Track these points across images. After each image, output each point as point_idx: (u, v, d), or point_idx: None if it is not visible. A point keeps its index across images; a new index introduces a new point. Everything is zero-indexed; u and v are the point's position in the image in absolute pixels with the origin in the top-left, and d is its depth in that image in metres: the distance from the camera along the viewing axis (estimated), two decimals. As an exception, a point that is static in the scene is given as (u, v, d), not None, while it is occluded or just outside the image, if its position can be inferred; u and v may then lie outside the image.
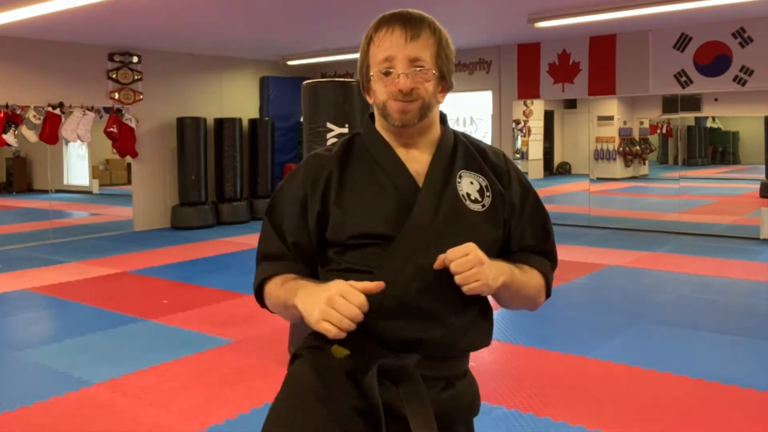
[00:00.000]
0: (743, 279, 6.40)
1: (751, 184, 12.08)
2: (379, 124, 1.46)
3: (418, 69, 1.36)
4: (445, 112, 1.53)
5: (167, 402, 3.66)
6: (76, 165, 11.86)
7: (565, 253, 7.77)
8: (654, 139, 12.68)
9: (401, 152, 1.43)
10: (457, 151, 1.46)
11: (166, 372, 4.12)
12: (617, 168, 11.85)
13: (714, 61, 8.53)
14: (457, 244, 1.30)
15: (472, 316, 1.42)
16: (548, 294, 1.53)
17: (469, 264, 1.28)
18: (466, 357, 1.47)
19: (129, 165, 10.49)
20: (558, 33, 9.09)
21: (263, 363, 4.24)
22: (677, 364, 4.08)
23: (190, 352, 4.48)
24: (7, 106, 8.65)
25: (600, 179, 11.31)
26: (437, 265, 1.31)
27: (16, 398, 3.72)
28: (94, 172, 12.03)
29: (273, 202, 1.48)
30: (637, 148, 12.18)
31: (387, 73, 1.36)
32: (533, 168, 12.41)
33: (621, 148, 11.81)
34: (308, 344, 1.43)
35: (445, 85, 1.46)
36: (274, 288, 1.42)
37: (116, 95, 9.81)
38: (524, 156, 12.05)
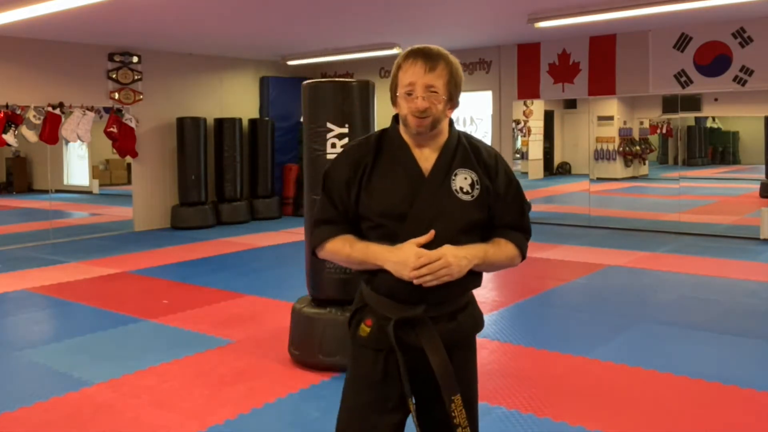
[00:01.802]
0: (743, 279, 6.40)
1: (751, 184, 12.08)
2: (402, 128, 1.91)
3: (432, 94, 1.82)
4: (451, 118, 1.97)
5: (167, 402, 3.66)
6: (76, 165, 11.86)
7: (565, 253, 7.78)
8: (654, 139, 12.68)
9: (416, 151, 1.89)
10: (457, 152, 1.90)
11: (166, 372, 4.12)
12: (617, 168, 11.86)
13: (714, 61, 8.53)
14: (449, 224, 1.82)
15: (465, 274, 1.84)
16: (524, 257, 1.98)
17: (436, 268, 1.77)
18: (463, 296, 1.92)
19: (129, 165, 10.49)
20: (558, 33, 9.09)
21: (263, 363, 4.24)
22: (677, 364, 4.08)
23: (190, 352, 4.48)
24: (7, 106, 8.65)
25: (600, 179, 11.31)
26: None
27: (16, 398, 3.72)
28: (94, 172, 12.03)
29: (325, 182, 1.93)
30: (637, 148, 12.18)
31: (409, 94, 1.83)
32: (533, 168, 12.42)
33: (621, 148, 11.81)
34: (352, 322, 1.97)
35: (452, 104, 1.89)
36: (341, 247, 1.89)
37: (116, 95, 9.81)
38: (524, 156, 12.05)
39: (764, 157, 11.02)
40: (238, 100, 11.42)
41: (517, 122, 11.08)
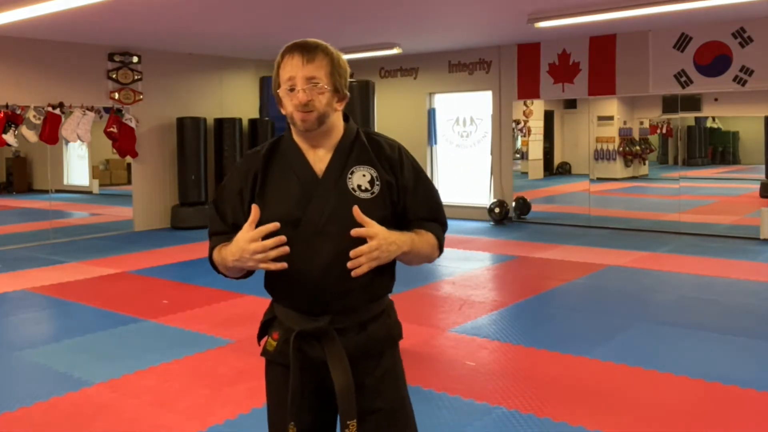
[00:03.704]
0: (743, 279, 6.40)
1: (751, 184, 12.07)
2: (294, 130, 1.81)
3: (315, 85, 1.71)
4: (346, 113, 1.88)
5: (167, 402, 3.66)
6: (76, 165, 11.85)
7: (565, 253, 7.78)
8: (654, 139, 12.66)
9: (310, 153, 1.80)
10: (354, 149, 1.81)
11: (166, 372, 4.12)
12: (617, 168, 11.84)
13: (714, 61, 8.53)
14: (348, 225, 1.67)
15: (370, 276, 1.73)
16: (441, 250, 1.90)
17: (372, 249, 1.67)
18: (374, 305, 1.80)
19: (129, 165, 10.49)
20: (558, 33, 9.09)
21: (263, 363, 4.23)
22: (677, 364, 4.08)
23: (190, 352, 4.48)
24: (7, 106, 8.65)
25: (600, 179, 11.30)
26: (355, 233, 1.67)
27: (16, 398, 3.72)
28: (94, 172, 12.02)
29: (218, 195, 1.87)
30: (637, 148, 12.17)
31: (291, 89, 1.73)
32: (533, 168, 12.40)
33: (621, 148, 11.80)
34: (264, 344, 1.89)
35: (339, 96, 1.78)
36: (216, 255, 1.82)
37: (116, 95, 9.81)
38: (524, 156, 12.03)
39: (764, 157, 11.02)
40: (238, 100, 11.42)
41: (517, 122, 11.08)
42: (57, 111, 9.10)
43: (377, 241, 1.67)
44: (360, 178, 1.77)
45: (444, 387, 3.76)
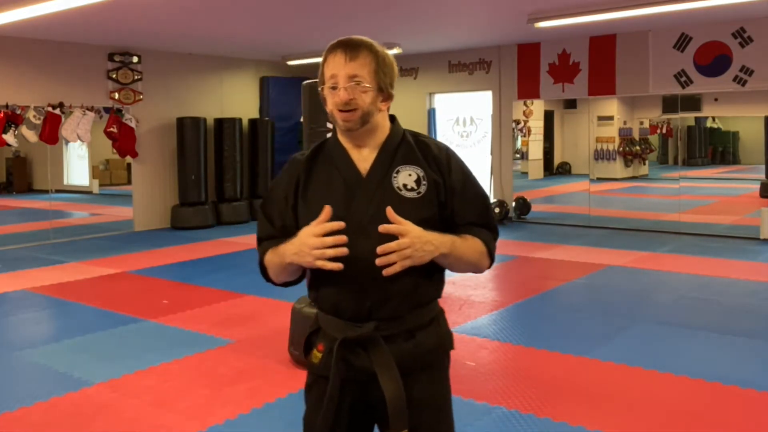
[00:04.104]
0: (743, 279, 6.40)
1: (751, 184, 12.07)
2: (338, 129, 1.77)
3: (358, 84, 1.66)
4: (394, 114, 1.83)
5: (167, 402, 3.66)
6: (76, 165, 11.86)
7: (565, 253, 7.78)
8: (654, 139, 12.67)
9: (354, 152, 1.74)
10: (399, 149, 1.75)
11: (166, 372, 4.12)
12: (617, 168, 11.85)
13: (714, 61, 8.53)
14: (388, 224, 1.60)
15: (414, 279, 1.67)
16: (491, 259, 1.80)
17: (404, 246, 1.59)
18: (423, 311, 1.72)
19: (129, 165, 10.49)
20: (558, 33, 9.09)
21: (263, 363, 4.24)
22: (677, 364, 4.08)
23: (190, 352, 4.48)
24: (7, 106, 8.65)
25: (600, 179, 11.30)
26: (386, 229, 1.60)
27: (16, 398, 3.72)
28: (94, 172, 12.03)
29: (266, 200, 1.83)
30: (637, 148, 12.17)
31: (333, 87, 1.68)
32: (533, 168, 12.41)
33: (621, 148, 11.80)
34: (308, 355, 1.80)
35: (384, 95, 1.73)
36: (270, 258, 1.75)
37: (116, 95, 9.81)
38: (524, 156, 12.04)
39: (764, 157, 11.02)
40: (238, 100, 11.42)
41: (517, 122, 11.08)
42: (57, 111, 9.10)
43: (409, 238, 1.59)
44: (406, 177, 1.71)
45: (444, 387, 3.76)
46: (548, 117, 12.61)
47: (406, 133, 1.79)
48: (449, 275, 1.82)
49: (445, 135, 11.35)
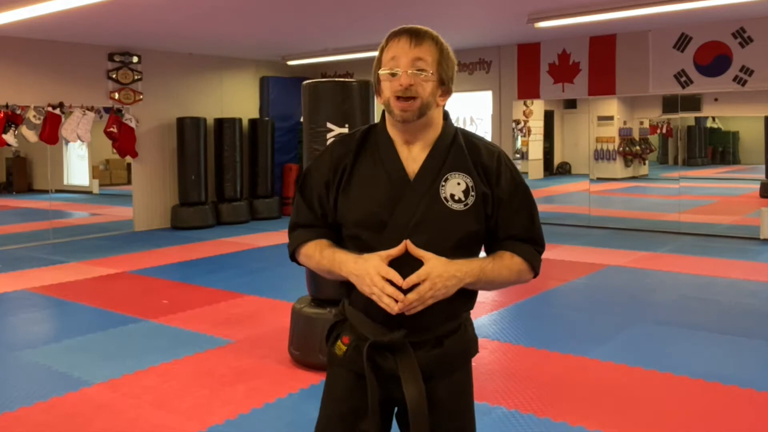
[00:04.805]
0: (743, 279, 6.40)
1: (751, 184, 12.08)
2: (388, 121, 1.68)
3: (420, 72, 1.58)
4: (448, 110, 1.74)
5: (167, 402, 3.66)
6: (76, 165, 11.87)
7: (565, 253, 7.78)
8: (654, 139, 12.68)
9: (403, 150, 1.66)
10: (451, 151, 1.66)
11: (166, 372, 4.12)
12: (617, 168, 11.86)
13: (714, 61, 8.53)
14: (436, 237, 1.59)
15: (449, 296, 1.62)
16: (536, 273, 1.74)
17: (424, 291, 1.55)
18: (453, 320, 1.69)
19: (129, 165, 10.49)
20: (558, 33, 9.09)
21: (263, 363, 4.24)
22: (677, 364, 4.08)
23: (190, 352, 4.48)
24: (7, 106, 8.65)
25: (600, 179, 11.31)
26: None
27: (16, 398, 3.72)
28: (94, 172, 12.03)
29: (304, 181, 1.75)
30: (637, 148, 12.18)
31: (393, 74, 1.59)
32: (533, 168, 12.42)
33: (621, 148, 11.81)
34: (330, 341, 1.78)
35: (444, 89, 1.66)
36: (313, 253, 1.70)
37: (116, 95, 9.81)
38: (524, 156, 12.05)
39: (764, 157, 11.02)
40: (238, 100, 11.42)
41: (517, 122, 11.08)
42: (57, 111, 9.09)
43: (429, 282, 1.55)
44: (454, 186, 1.62)
45: (444, 387, 3.76)
46: (548, 117, 12.62)
47: (458, 133, 1.71)
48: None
49: (445, 135, 11.34)
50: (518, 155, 11.57)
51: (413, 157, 1.65)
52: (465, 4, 7.24)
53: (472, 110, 11.05)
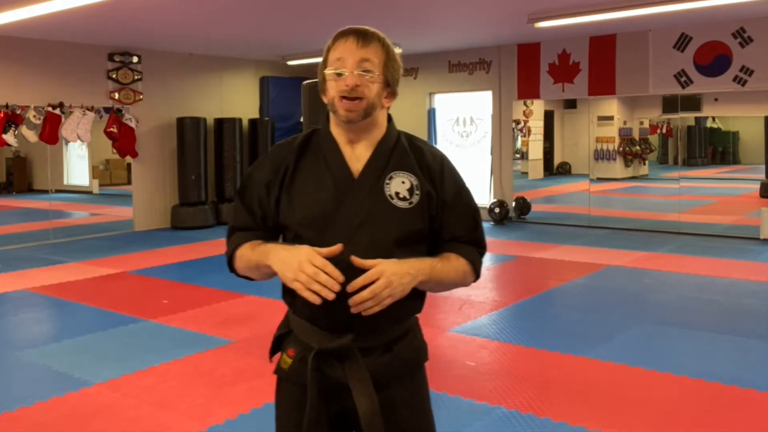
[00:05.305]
0: (743, 279, 6.40)
1: (751, 184, 12.07)
2: (332, 121, 1.66)
3: (366, 72, 1.58)
4: (390, 113, 1.73)
5: (167, 402, 3.66)
6: (76, 165, 11.86)
7: (565, 253, 7.78)
8: (654, 139, 12.67)
9: (347, 149, 1.64)
10: (395, 152, 1.66)
11: (166, 372, 4.12)
12: (617, 168, 11.85)
13: (714, 61, 8.53)
14: (381, 235, 1.56)
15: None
16: (477, 275, 1.73)
17: (380, 289, 1.49)
18: (401, 323, 1.65)
19: (129, 165, 10.49)
20: (558, 33, 9.09)
21: (263, 363, 4.22)
22: (677, 364, 4.08)
23: (190, 352, 4.48)
24: (7, 106, 8.65)
25: (600, 179, 11.30)
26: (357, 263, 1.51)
27: (16, 398, 3.72)
28: (94, 172, 12.03)
29: (244, 185, 1.70)
30: (637, 148, 12.17)
31: (339, 74, 1.58)
32: (533, 168, 12.41)
33: (621, 148, 11.80)
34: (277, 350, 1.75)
35: (390, 91, 1.65)
36: (245, 252, 1.65)
37: (116, 95, 9.81)
38: (524, 156, 12.04)
39: (764, 157, 11.02)
40: (238, 100, 11.42)
41: (517, 122, 11.08)
42: (57, 111, 9.10)
43: (385, 279, 1.50)
44: (399, 184, 1.61)
45: (444, 387, 3.76)
46: (548, 117, 12.61)
47: (401, 136, 1.71)
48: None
49: (445, 135, 11.35)
50: (518, 155, 11.56)
51: (357, 156, 1.64)
52: (465, 4, 7.24)
53: (472, 110, 11.05)
